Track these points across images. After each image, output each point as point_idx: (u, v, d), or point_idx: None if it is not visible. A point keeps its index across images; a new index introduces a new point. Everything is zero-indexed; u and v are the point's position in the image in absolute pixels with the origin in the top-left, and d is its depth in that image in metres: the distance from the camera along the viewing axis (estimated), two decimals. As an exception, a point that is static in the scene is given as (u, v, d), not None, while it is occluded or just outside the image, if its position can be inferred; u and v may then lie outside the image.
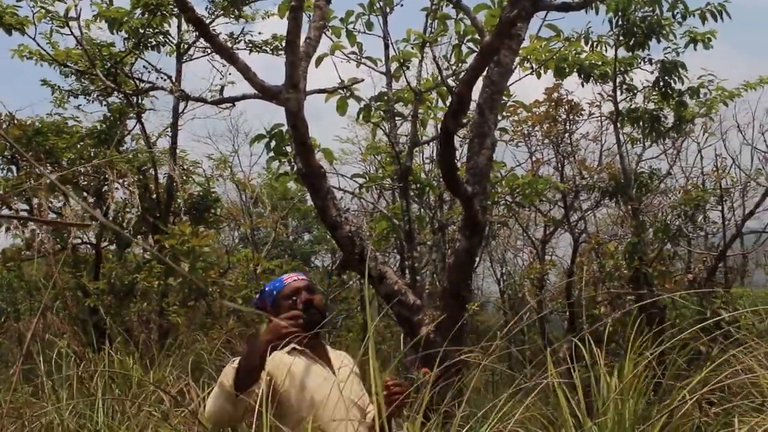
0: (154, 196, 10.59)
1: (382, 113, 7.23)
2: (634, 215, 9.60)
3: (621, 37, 8.73)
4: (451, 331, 4.49)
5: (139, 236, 11.28)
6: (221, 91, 5.46)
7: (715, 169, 11.83)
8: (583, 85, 9.26)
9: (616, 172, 10.69)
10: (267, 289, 2.97)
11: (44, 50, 9.59)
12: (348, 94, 6.67)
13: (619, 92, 9.66)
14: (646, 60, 9.20)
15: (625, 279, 9.25)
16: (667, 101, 9.29)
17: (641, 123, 9.55)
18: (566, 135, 11.72)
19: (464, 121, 5.85)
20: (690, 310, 8.51)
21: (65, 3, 8.75)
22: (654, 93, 9.37)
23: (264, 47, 10.75)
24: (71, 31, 8.98)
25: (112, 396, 4.58)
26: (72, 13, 8.66)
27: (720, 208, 11.08)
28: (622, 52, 9.16)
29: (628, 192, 9.72)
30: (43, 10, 8.80)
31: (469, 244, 4.57)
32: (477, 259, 9.77)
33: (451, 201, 9.47)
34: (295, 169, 5.41)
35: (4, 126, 10.85)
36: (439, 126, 9.83)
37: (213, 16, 10.55)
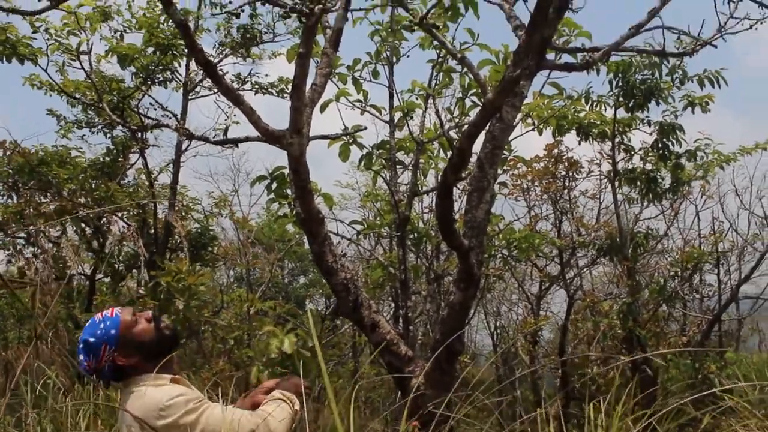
0: (152, 230, 10.60)
1: (383, 161, 7.29)
2: (629, 275, 9.62)
3: (621, 98, 8.86)
4: (441, 383, 4.48)
5: (134, 270, 11.28)
6: (225, 131, 5.53)
7: (712, 232, 11.89)
8: (580, 143, 9.38)
9: (613, 231, 10.73)
10: (98, 336, 2.59)
11: (54, 81, 9.72)
12: (351, 141, 6.73)
13: (617, 152, 9.76)
14: (644, 121, 9.33)
15: (619, 339, 9.22)
16: (665, 163, 9.39)
17: (638, 183, 9.63)
18: (565, 191, 11.79)
19: (464, 174, 5.90)
20: (683, 374, 8.47)
21: (78, 37, 8.92)
22: (652, 154, 9.47)
23: (270, 89, 10.89)
24: (81, 65, 9.13)
25: (97, 431, 4.52)
26: (84, 48, 8.83)
27: (716, 271, 11.11)
28: (621, 113, 9.29)
29: (623, 251, 9.75)
30: (56, 43, 8.96)
31: (463, 297, 4.57)
32: (471, 311, 9.75)
33: (447, 252, 9.49)
34: (294, 212, 5.45)
35: (8, 153, 10.93)
36: (439, 176, 9.93)
37: (221, 56, 10.71)
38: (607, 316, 9.34)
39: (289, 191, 6.34)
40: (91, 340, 2.58)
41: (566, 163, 11.25)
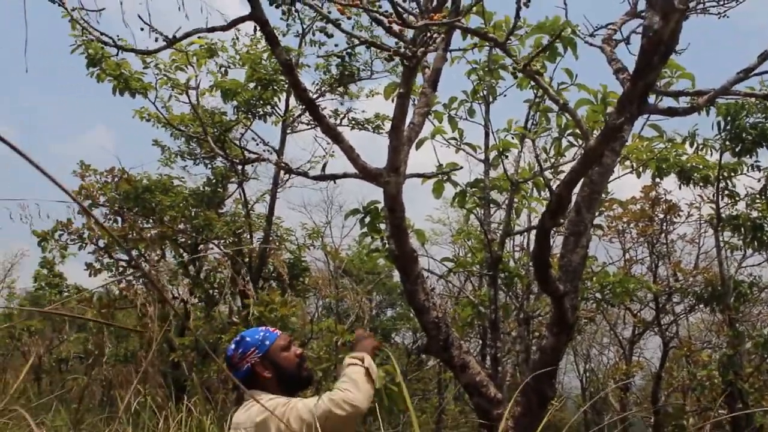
0: (247, 259, 10.90)
1: (476, 199, 7.26)
2: (730, 325, 9.20)
3: (728, 142, 8.56)
4: (529, 428, 4.39)
5: (227, 297, 11.59)
6: (324, 167, 5.65)
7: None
8: (680, 187, 9.09)
9: (713, 278, 10.32)
10: (253, 338, 2.86)
11: (161, 113, 10.21)
12: (445, 179, 6.75)
13: (720, 197, 9.42)
14: (752, 166, 8.97)
15: (718, 391, 8.81)
16: (773, 210, 8.99)
17: (743, 230, 9.23)
18: (662, 235, 11.44)
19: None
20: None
21: (186, 72, 9.37)
22: (759, 201, 9.08)
23: (366, 125, 11.06)
24: (188, 98, 9.56)
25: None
26: (192, 83, 9.26)
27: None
28: (727, 157, 8.97)
29: (725, 300, 9.35)
30: (165, 78, 9.43)
31: (556, 342, 4.49)
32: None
33: (538, 292, 9.34)
34: (387, 247, 5.50)
35: (116, 180, 11.51)
36: (532, 215, 9.83)
37: (320, 92, 10.98)
38: (705, 367, 8.95)
39: (382, 225, 6.41)
40: (248, 338, 2.85)
41: (664, 206, 10.94)
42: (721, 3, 5.60)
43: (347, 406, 2.57)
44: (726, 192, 9.35)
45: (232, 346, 2.85)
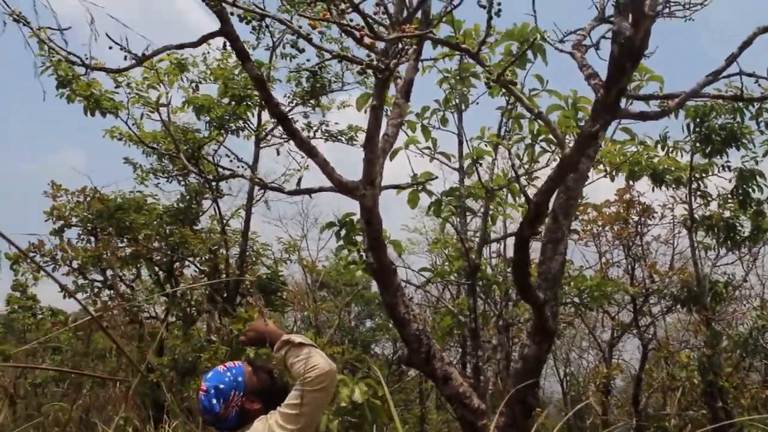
0: (224, 276, 10.79)
1: (452, 208, 7.26)
2: (707, 325, 9.28)
3: (698, 144, 8.65)
4: (515, 438, 4.38)
5: (205, 314, 11.47)
6: (299, 182, 5.60)
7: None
8: (653, 189, 9.17)
9: (689, 278, 10.41)
10: (227, 383, 2.75)
11: (133, 132, 10.10)
12: (420, 189, 6.74)
13: (693, 198, 9.51)
14: (723, 167, 9.07)
15: (698, 391, 8.87)
16: (745, 210, 9.08)
17: (716, 230, 9.33)
18: (637, 237, 11.53)
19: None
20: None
21: (157, 90, 9.28)
22: (731, 201, 9.19)
23: (339, 137, 11.01)
24: (160, 116, 9.47)
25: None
26: (163, 100, 9.17)
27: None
28: (698, 158, 9.06)
29: (701, 300, 9.43)
30: (137, 96, 9.33)
31: (537, 350, 4.49)
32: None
33: (516, 298, 9.36)
34: (364, 260, 5.46)
35: (88, 199, 11.35)
36: (507, 221, 9.85)
37: (291, 105, 10.92)
38: (685, 368, 9.01)
39: (358, 238, 6.38)
40: (222, 386, 2.73)
41: (639, 209, 11.03)
42: (687, 6, 5.65)
43: (319, 377, 2.63)
44: (698, 193, 9.45)
45: (213, 402, 2.72)
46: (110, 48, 4.47)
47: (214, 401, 2.72)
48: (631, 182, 9.22)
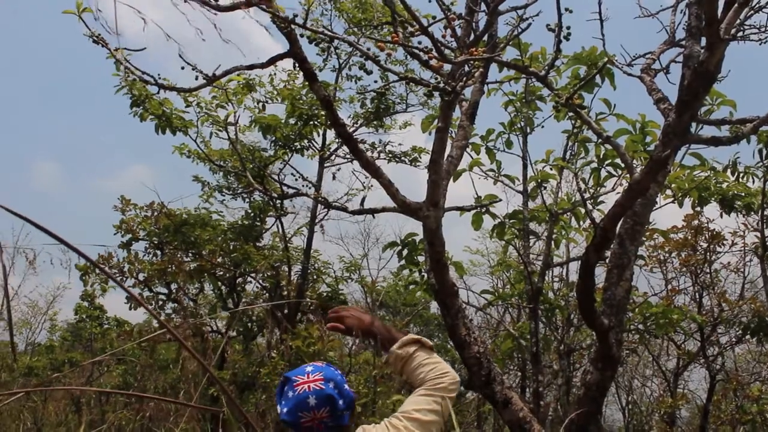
0: (285, 293, 10.93)
1: (515, 231, 7.21)
2: (780, 357, 8.94)
3: (771, 169, 8.39)
4: (576, 467, 4.29)
5: (264, 330, 11.62)
6: (362, 202, 5.65)
7: None
8: (722, 216, 8.90)
9: (761, 308, 10.06)
10: (346, 389, 2.33)
11: (201, 150, 10.37)
12: (484, 211, 6.72)
13: (765, 225, 9.21)
14: (797, 194, 8.77)
15: (769, 426, 8.54)
16: (820, 238, 8.76)
17: (789, 259, 9.01)
18: (705, 264, 11.20)
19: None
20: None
21: (226, 109, 9.52)
22: (805, 228, 8.88)
23: (403, 158, 11.06)
24: (228, 134, 9.70)
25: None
26: (231, 119, 9.40)
27: None
28: (770, 185, 8.79)
29: (773, 331, 9.10)
30: (206, 115, 9.58)
31: (601, 378, 4.40)
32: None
33: (579, 323, 9.20)
34: (426, 280, 5.46)
35: (156, 214, 11.67)
36: (570, 245, 9.71)
37: (356, 125, 11.06)
38: (756, 401, 8.68)
39: (420, 258, 6.39)
40: (346, 386, 2.35)
41: (707, 235, 10.72)
42: (762, 29, 5.51)
43: (453, 384, 2.41)
44: (771, 220, 9.15)
45: (337, 394, 2.28)
46: (182, 68, 4.60)
47: (337, 395, 2.27)
48: (699, 208, 8.97)
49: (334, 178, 11.18)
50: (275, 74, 10.18)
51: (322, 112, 9.30)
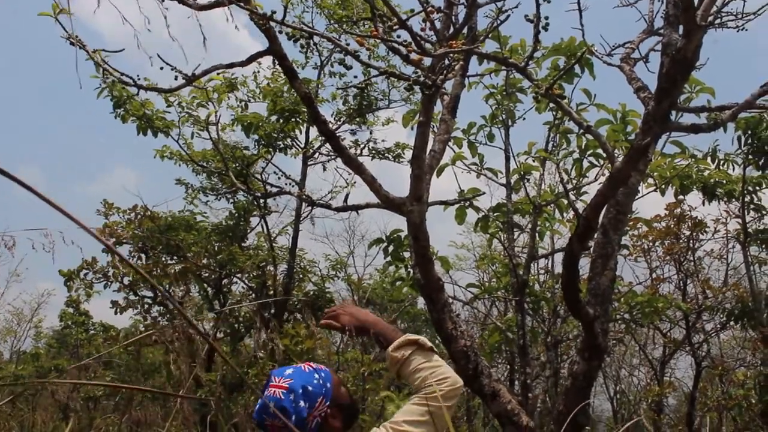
0: (271, 292, 10.90)
1: (499, 224, 7.22)
2: (765, 343, 9.01)
3: (750, 156, 8.45)
4: (565, 457, 4.29)
5: (252, 330, 11.58)
6: (346, 198, 5.63)
7: None
8: (704, 203, 8.97)
9: (744, 294, 10.15)
10: (316, 385, 2.25)
11: (184, 151, 10.31)
12: (467, 205, 6.72)
13: (746, 211, 9.28)
14: (777, 180, 8.84)
15: (755, 411, 8.61)
16: (801, 223, 8.85)
17: (771, 245, 9.10)
18: (689, 252, 11.28)
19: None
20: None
21: (207, 109, 9.46)
22: (786, 214, 8.96)
23: (386, 154, 11.06)
24: (209, 134, 9.65)
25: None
26: (212, 118, 9.35)
27: None
28: (750, 171, 8.85)
29: (757, 316, 9.17)
30: (187, 115, 9.52)
31: (588, 368, 4.41)
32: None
33: (565, 314, 9.24)
34: (412, 276, 5.46)
35: (139, 218, 11.61)
36: (555, 237, 9.74)
37: (338, 122, 11.04)
38: (741, 386, 8.76)
39: (406, 254, 6.38)
40: (310, 388, 2.24)
41: (690, 223, 10.80)
42: (740, 16, 5.54)
43: (452, 391, 2.25)
44: (752, 206, 9.21)
45: (300, 404, 2.20)
46: (161, 69, 4.57)
47: (301, 403, 2.20)
48: (681, 196, 9.03)
49: (324, 169, 11.17)
50: (258, 72, 10.15)
51: (304, 109, 9.27)
